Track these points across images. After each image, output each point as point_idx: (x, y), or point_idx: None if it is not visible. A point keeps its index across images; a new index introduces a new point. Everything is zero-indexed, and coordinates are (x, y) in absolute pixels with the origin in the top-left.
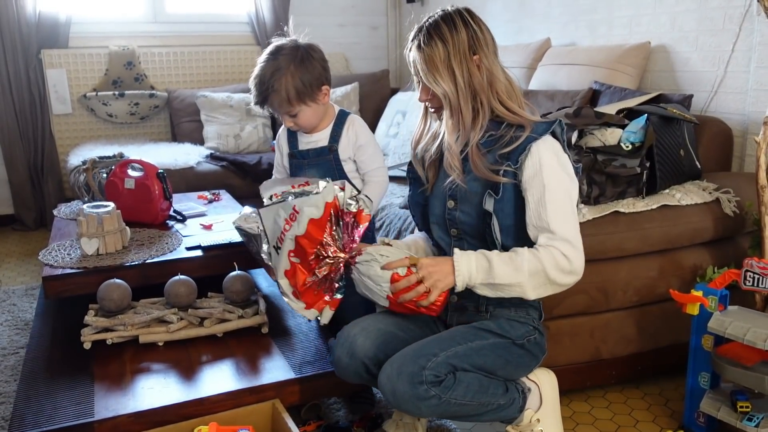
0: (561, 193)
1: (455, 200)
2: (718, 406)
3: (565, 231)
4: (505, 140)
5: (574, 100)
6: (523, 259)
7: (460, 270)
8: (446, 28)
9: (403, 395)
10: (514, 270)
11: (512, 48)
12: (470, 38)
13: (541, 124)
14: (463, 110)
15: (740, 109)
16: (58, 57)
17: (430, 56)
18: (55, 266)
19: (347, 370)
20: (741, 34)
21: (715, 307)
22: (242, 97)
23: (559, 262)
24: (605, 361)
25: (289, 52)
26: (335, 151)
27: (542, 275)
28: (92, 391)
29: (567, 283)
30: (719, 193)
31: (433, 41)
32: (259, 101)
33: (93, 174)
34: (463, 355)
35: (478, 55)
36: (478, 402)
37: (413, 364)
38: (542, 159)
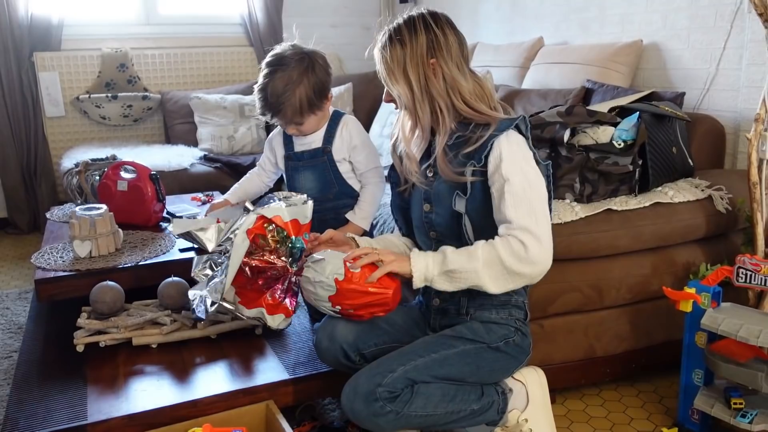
0: (520, 184)
1: (430, 203)
2: (712, 402)
3: (523, 220)
4: (473, 140)
5: (566, 99)
6: (477, 247)
7: (417, 264)
8: (407, 31)
9: (360, 413)
10: (468, 257)
11: (505, 47)
12: (429, 42)
13: (504, 121)
14: (419, 114)
15: (732, 106)
16: (50, 59)
17: (387, 59)
18: (47, 269)
19: (326, 353)
20: (732, 32)
21: (708, 304)
22: (236, 98)
23: (514, 249)
24: (599, 359)
25: (296, 63)
26: (329, 152)
27: (498, 264)
28: (85, 393)
29: (526, 273)
30: (711, 191)
31: (393, 44)
32: (268, 114)
33: (86, 176)
34: (423, 367)
35: (435, 59)
36: (445, 411)
37: (369, 382)
38: (502, 153)
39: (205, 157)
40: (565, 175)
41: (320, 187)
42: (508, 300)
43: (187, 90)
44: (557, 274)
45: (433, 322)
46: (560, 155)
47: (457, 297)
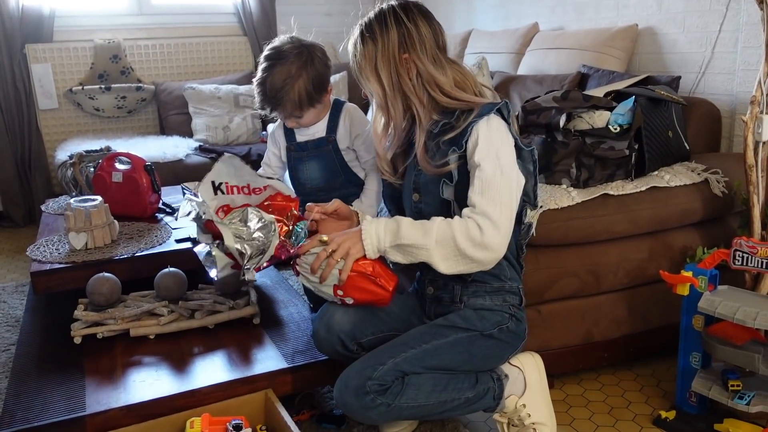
0: (491, 170)
1: (419, 192)
2: (710, 385)
3: (487, 206)
4: (457, 126)
5: (562, 84)
6: (433, 224)
7: (368, 233)
8: (377, 27)
9: (351, 407)
10: (423, 233)
11: (500, 33)
12: (401, 37)
13: (486, 106)
14: (391, 111)
15: (728, 89)
16: (42, 51)
17: (358, 56)
18: (43, 261)
19: (324, 343)
20: (728, 15)
21: (705, 287)
22: (230, 88)
23: (470, 232)
24: (597, 343)
25: (295, 57)
26: (334, 141)
27: (451, 244)
28: (83, 385)
29: (478, 258)
30: (708, 174)
31: (364, 41)
32: (268, 108)
33: (80, 168)
34: (414, 358)
35: (408, 54)
36: (437, 401)
37: (359, 376)
38: (480, 137)
39: (200, 148)
40: (562, 160)
41: (326, 176)
42: (502, 286)
43: (181, 80)
44: (554, 259)
45: (429, 310)
46: (556, 140)
47: (450, 285)
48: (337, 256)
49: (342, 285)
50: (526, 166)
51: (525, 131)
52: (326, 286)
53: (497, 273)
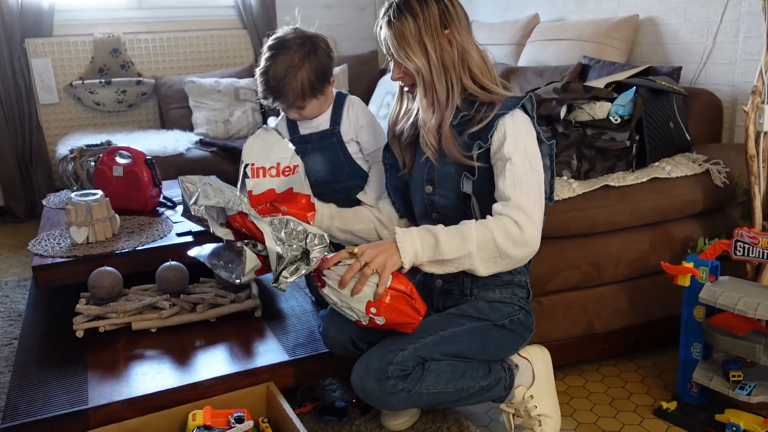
0: (522, 165)
1: (432, 184)
2: (711, 376)
3: (521, 199)
4: (477, 119)
5: (563, 76)
6: (470, 228)
7: (404, 247)
8: (416, 2)
9: (371, 392)
10: (462, 241)
11: (500, 25)
12: (441, 12)
13: (510, 100)
14: (437, 86)
15: (729, 79)
16: (42, 46)
17: (401, 31)
18: (44, 256)
19: (334, 342)
20: (729, 4)
21: (706, 278)
22: (230, 81)
23: (510, 230)
24: (599, 335)
25: (298, 47)
26: (338, 133)
27: (491, 245)
28: (86, 378)
29: (518, 256)
30: (709, 165)
31: (404, 16)
32: (270, 97)
33: (81, 162)
34: (433, 345)
35: (449, 30)
36: (455, 388)
37: (380, 360)
38: (507, 132)
39: (200, 142)
40: (562, 151)
41: (331, 169)
42: (511, 279)
43: (182, 74)
44: (555, 251)
45: (437, 302)
46: (557, 132)
47: (460, 278)
48: (373, 268)
49: (377, 300)
50: (543, 161)
51: None
52: (358, 302)
53: None
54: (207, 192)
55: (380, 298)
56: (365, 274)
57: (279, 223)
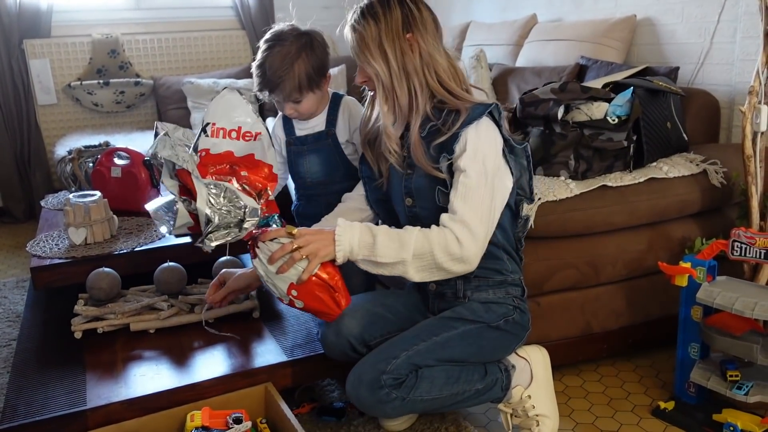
0: (476, 178)
1: (411, 197)
2: (708, 375)
3: (467, 215)
4: (444, 130)
5: (561, 76)
6: (411, 236)
7: (341, 241)
8: (380, 7)
9: (365, 401)
10: (400, 247)
11: (498, 25)
12: (404, 17)
13: (477, 108)
14: (398, 92)
15: (727, 80)
16: (40, 47)
17: (362, 36)
18: (43, 257)
19: (333, 348)
20: (726, 4)
21: (703, 278)
22: (229, 82)
23: (449, 246)
24: (596, 335)
25: (295, 39)
26: (333, 134)
27: (429, 257)
28: (84, 379)
29: (454, 270)
30: (706, 165)
31: (366, 20)
32: (266, 89)
33: (79, 163)
34: (426, 351)
35: (412, 34)
36: (450, 393)
37: (373, 370)
38: (468, 143)
39: None
40: (560, 152)
41: (326, 170)
42: (504, 279)
43: (180, 75)
44: (553, 251)
45: (432, 305)
46: (554, 132)
47: (452, 281)
48: (303, 254)
49: (299, 285)
50: (520, 162)
51: (523, 123)
52: (281, 280)
53: (498, 267)
54: (164, 143)
55: (302, 283)
56: (293, 258)
57: (218, 188)
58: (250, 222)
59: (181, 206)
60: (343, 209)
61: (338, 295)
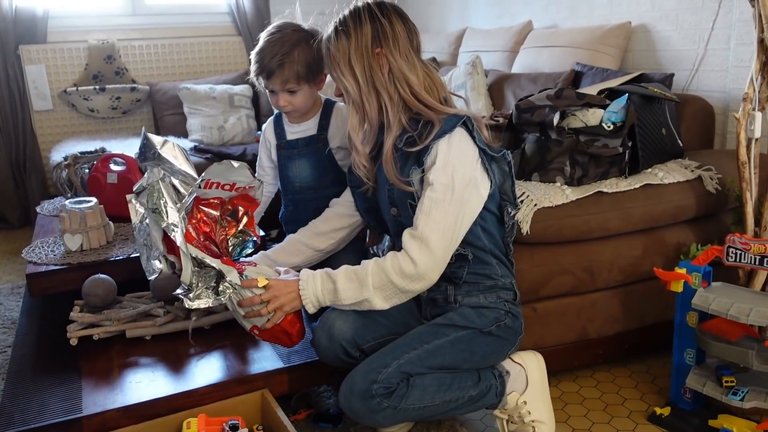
0: (441, 192)
1: (396, 206)
2: (704, 381)
3: (426, 230)
4: (418, 142)
5: (556, 82)
6: (367, 273)
7: (306, 294)
8: (351, 22)
9: (357, 411)
10: (360, 287)
11: (494, 32)
12: (374, 32)
13: (449, 119)
14: (366, 107)
15: (721, 86)
16: (36, 52)
17: (332, 51)
18: (38, 263)
19: (326, 352)
20: (720, 11)
21: (698, 283)
22: (225, 88)
23: (404, 269)
24: (592, 340)
25: (295, 31)
26: (324, 139)
27: (389, 286)
28: (80, 386)
29: (416, 289)
30: (701, 171)
31: (338, 36)
32: (265, 74)
33: (75, 169)
34: (417, 359)
35: (381, 49)
36: (442, 400)
37: (364, 380)
38: (438, 155)
39: (195, 148)
40: (555, 158)
41: (316, 174)
42: (495, 283)
43: (176, 81)
44: (549, 257)
45: (424, 311)
46: (550, 138)
47: (443, 286)
48: (270, 308)
49: (261, 329)
50: (502, 168)
51: (519, 130)
52: (247, 321)
53: (488, 272)
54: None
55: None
56: (260, 312)
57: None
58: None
59: (164, 263)
60: (331, 215)
61: (295, 338)
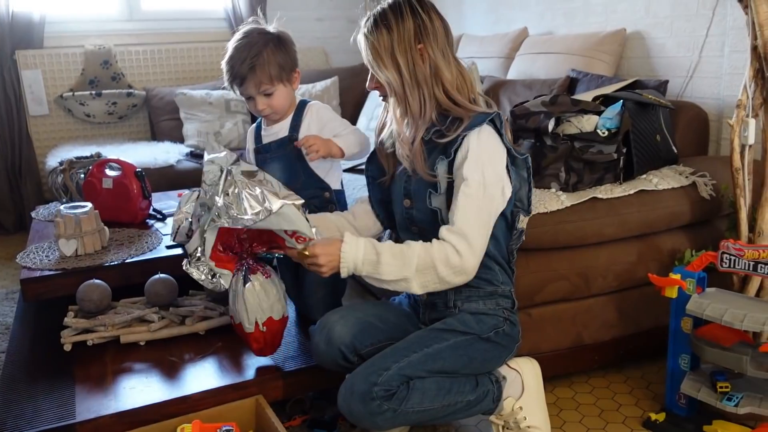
0: (478, 188)
1: (410, 198)
2: (699, 387)
3: (465, 226)
4: (446, 134)
5: (551, 89)
6: (413, 253)
7: (346, 258)
8: (392, 16)
9: (357, 414)
10: (402, 265)
11: (490, 38)
12: (416, 27)
13: (478, 116)
14: (410, 99)
15: (715, 93)
16: (33, 57)
17: (374, 44)
18: (33, 268)
19: (325, 357)
20: (714, 19)
21: (693, 289)
22: (221, 93)
23: (450, 259)
24: (588, 346)
25: (263, 34)
26: (295, 140)
27: (431, 271)
28: (73, 392)
29: (455, 282)
30: (696, 177)
31: (379, 29)
32: (237, 80)
33: (70, 174)
34: (417, 363)
35: (423, 45)
36: (441, 404)
37: (364, 382)
38: (470, 150)
39: (191, 154)
40: (551, 164)
41: (287, 177)
42: (495, 290)
43: (172, 86)
44: (544, 262)
45: (423, 315)
46: (545, 145)
47: (443, 291)
48: (309, 264)
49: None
50: (520, 173)
51: (514, 136)
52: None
53: (489, 278)
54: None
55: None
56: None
57: None
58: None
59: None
60: (360, 210)
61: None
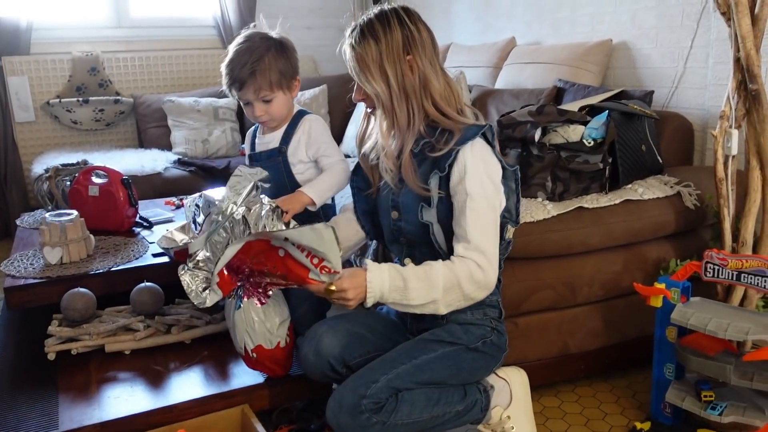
0: (482, 202)
1: (398, 210)
2: (683, 396)
3: (481, 241)
4: (437, 147)
5: (539, 99)
6: (438, 273)
7: (373, 288)
8: (380, 26)
9: (346, 427)
10: (429, 288)
11: (478, 48)
12: (405, 38)
13: (470, 129)
14: (397, 111)
15: (700, 104)
16: (19, 64)
17: (362, 55)
18: (17, 276)
19: (313, 368)
20: (699, 31)
21: (677, 298)
22: (209, 101)
23: (474, 275)
24: (574, 355)
25: (265, 38)
26: (284, 153)
27: (457, 290)
28: (57, 402)
29: (479, 297)
30: (680, 187)
31: (366, 40)
32: (236, 84)
33: (56, 182)
34: (405, 374)
35: (411, 56)
36: (430, 415)
37: (353, 395)
38: (467, 165)
39: (179, 161)
40: (537, 173)
41: (274, 188)
42: (482, 300)
43: (160, 93)
44: (530, 272)
45: (410, 326)
46: (531, 154)
47: None
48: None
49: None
50: (509, 184)
51: (501, 145)
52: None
53: None
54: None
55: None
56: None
57: None
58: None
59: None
60: (343, 219)
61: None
